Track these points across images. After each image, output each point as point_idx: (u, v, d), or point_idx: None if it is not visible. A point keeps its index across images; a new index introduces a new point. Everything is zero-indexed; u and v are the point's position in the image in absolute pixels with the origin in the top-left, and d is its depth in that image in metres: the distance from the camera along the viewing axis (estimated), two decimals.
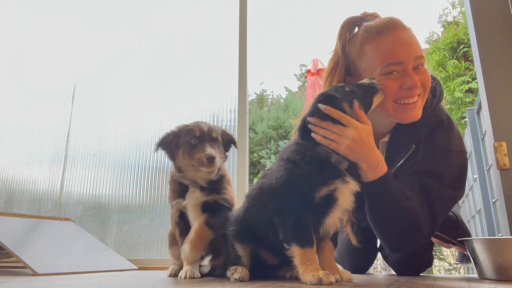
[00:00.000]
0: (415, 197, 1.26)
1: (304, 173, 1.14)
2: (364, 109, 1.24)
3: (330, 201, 1.13)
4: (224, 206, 1.55)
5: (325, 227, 1.18)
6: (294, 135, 1.34)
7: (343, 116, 1.18)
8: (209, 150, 1.46)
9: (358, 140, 1.16)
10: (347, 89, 1.23)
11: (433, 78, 1.43)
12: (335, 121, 1.18)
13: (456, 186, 1.34)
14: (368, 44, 1.33)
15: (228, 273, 1.29)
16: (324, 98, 1.23)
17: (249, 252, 1.32)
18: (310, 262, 1.11)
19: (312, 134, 1.19)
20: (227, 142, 1.68)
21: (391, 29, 1.31)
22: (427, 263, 1.65)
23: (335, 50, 1.44)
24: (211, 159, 1.44)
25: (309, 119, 1.20)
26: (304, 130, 1.23)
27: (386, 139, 1.48)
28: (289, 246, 1.13)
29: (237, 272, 1.25)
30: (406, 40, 1.30)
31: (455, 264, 1.93)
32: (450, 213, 1.62)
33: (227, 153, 1.67)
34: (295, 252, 1.12)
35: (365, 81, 1.27)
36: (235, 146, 1.71)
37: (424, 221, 1.25)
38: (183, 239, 1.54)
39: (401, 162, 1.36)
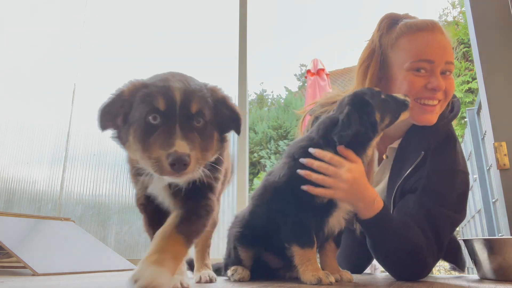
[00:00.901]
0: (415, 227, 1.22)
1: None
2: (390, 122, 1.22)
3: (332, 201, 1.14)
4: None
5: (329, 227, 1.18)
6: (300, 129, 1.36)
7: (333, 157, 1.15)
8: (179, 145, 0.83)
9: (353, 182, 1.13)
10: (382, 96, 1.21)
11: (454, 97, 1.44)
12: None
13: (458, 208, 1.32)
14: (404, 37, 1.34)
15: (229, 273, 1.29)
16: (359, 102, 1.18)
17: (251, 256, 1.31)
18: (310, 262, 1.11)
19: (299, 172, 1.15)
20: (226, 119, 1.04)
21: (431, 29, 1.33)
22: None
23: (372, 39, 1.45)
24: (179, 164, 0.82)
25: (302, 160, 1.15)
26: (330, 123, 1.19)
27: (395, 145, 1.46)
28: (289, 246, 1.14)
29: (237, 272, 1.25)
30: (442, 42, 1.32)
31: (449, 270, 1.90)
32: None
33: (226, 137, 1.08)
34: (295, 252, 1.13)
35: (399, 96, 1.26)
36: (238, 127, 1.09)
37: (429, 250, 1.21)
38: (153, 231, 1.06)
39: (409, 170, 1.32)
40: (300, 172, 1.14)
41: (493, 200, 3.11)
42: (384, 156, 1.48)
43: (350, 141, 1.14)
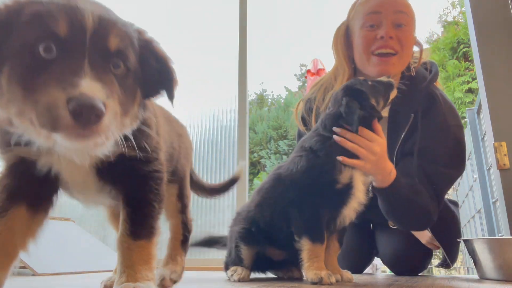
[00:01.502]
0: (423, 190, 1.33)
1: (325, 162, 1.15)
2: (384, 104, 1.28)
3: (348, 188, 1.16)
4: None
5: (342, 218, 1.19)
6: (295, 113, 1.44)
7: (367, 132, 1.18)
8: (87, 86, 0.55)
9: (380, 155, 1.19)
10: (370, 83, 1.26)
11: (430, 62, 1.55)
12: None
13: (456, 164, 1.40)
14: (359, 4, 1.48)
15: (228, 273, 1.29)
16: (352, 92, 1.23)
17: (253, 255, 1.30)
18: (317, 259, 1.12)
19: (335, 137, 1.17)
20: (153, 74, 0.80)
21: None
22: (420, 263, 1.65)
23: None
24: (88, 114, 0.53)
25: (335, 129, 1.18)
26: (328, 122, 1.22)
27: (385, 113, 1.52)
28: (299, 239, 1.14)
29: (237, 273, 1.25)
30: None
31: (436, 267, 1.94)
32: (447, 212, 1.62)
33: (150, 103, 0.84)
34: (305, 246, 1.13)
35: (383, 79, 1.31)
36: (171, 88, 0.87)
37: (434, 209, 1.34)
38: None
39: (403, 135, 1.41)
40: (336, 138, 1.16)
41: (493, 200, 3.11)
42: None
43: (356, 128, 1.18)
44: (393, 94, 1.31)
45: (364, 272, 1.86)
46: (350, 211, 1.18)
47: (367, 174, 1.22)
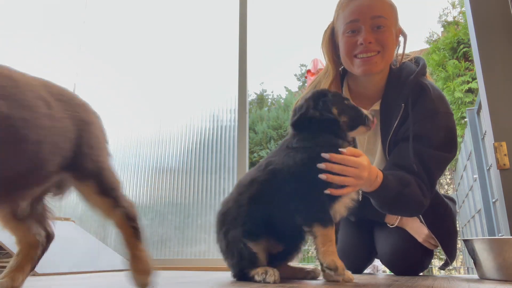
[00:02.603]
0: (411, 179, 1.36)
1: (319, 157, 1.16)
2: (347, 124, 1.28)
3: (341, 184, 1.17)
4: None
5: (333, 213, 1.19)
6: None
7: (351, 160, 1.18)
8: None
9: (368, 177, 1.22)
10: (345, 102, 1.31)
11: (419, 57, 1.62)
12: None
13: (446, 147, 1.44)
14: (341, 9, 1.54)
15: (257, 278, 1.15)
16: (318, 93, 1.30)
17: (264, 247, 1.23)
18: (331, 243, 1.12)
19: (321, 176, 1.16)
20: None
21: None
22: (420, 263, 1.65)
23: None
24: None
25: (320, 165, 1.16)
26: (303, 123, 1.26)
27: (376, 107, 1.59)
28: (310, 227, 1.13)
29: (269, 274, 1.13)
30: (366, 2, 1.47)
31: (440, 269, 1.94)
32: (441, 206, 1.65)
33: None
34: (318, 232, 1.12)
35: (364, 110, 1.33)
36: None
37: (424, 194, 1.37)
38: None
39: (396, 123, 1.47)
40: (322, 176, 1.15)
41: (493, 200, 3.11)
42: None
43: (323, 129, 1.22)
44: (361, 130, 1.31)
45: (365, 272, 1.86)
46: (341, 207, 1.20)
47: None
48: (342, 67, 1.67)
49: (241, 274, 1.22)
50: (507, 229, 1.87)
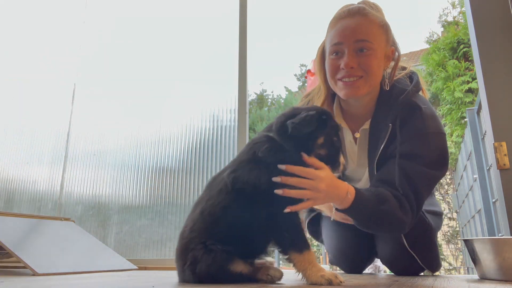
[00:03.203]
0: (390, 196, 1.32)
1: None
2: (321, 151, 1.20)
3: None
4: None
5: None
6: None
7: (308, 171, 1.14)
8: None
9: (327, 189, 1.17)
10: (335, 139, 1.22)
11: (413, 73, 1.57)
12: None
13: (436, 165, 1.40)
14: (331, 28, 1.50)
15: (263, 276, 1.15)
16: (326, 117, 1.19)
17: (243, 263, 1.14)
18: (313, 264, 1.08)
19: (277, 191, 1.11)
20: None
21: (347, 16, 1.46)
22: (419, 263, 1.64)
23: None
24: None
25: (275, 178, 1.10)
26: (285, 130, 1.16)
27: (366, 126, 1.56)
28: (286, 255, 1.09)
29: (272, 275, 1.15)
30: (352, 25, 1.43)
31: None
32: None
33: None
34: (295, 259, 1.08)
35: (342, 159, 1.26)
36: None
37: (405, 212, 1.33)
38: None
39: (383, 144, 1.44)
40: (278, 191, 1.10)
41: (493, 200, 3.11)
42: (356, 135, 1.60)
43: (300, 142, 1.15)
44: (330, 172, 1.22)
45: (367, 272, 1.86)
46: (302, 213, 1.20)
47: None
48: None
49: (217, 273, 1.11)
50: (507, 229, 1.87)
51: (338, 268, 1.93)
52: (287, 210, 1.09)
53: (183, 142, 3.24)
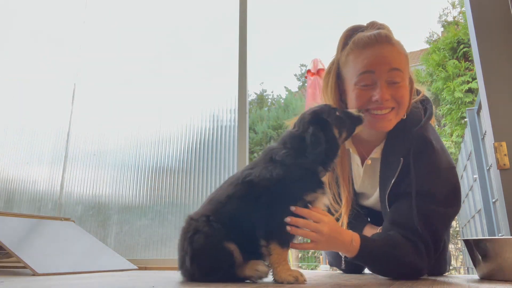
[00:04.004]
0: (402, 241, 1.30)
1: (299, 177, 1.21)
2: (347, 136, 1.34)
3: (308, 207, 1.22)
4: None
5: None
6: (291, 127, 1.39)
7: (313, 214, 1.22)
8: None
9: (329, 234, 1.22)
10: (337, 113, 1.31)
11: (426, 100, 1.52)
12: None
13: (451, 202, 1.37)
14: (352, 54, 1.42)
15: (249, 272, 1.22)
16: (317, 120, 1.28)
17: (237, 248, 1.21)
18: (286, 262, 1.18)
19: (288, 228, 1.19)
20: None
21: (374, 43, 1.37)
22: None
23: (335, 55, 1.54)
24: None
25: (287, 219, 1.19)
26: (298, 138, 1.27)
27: (376, 155, 1.51)
28: (268, 244, 1.17)
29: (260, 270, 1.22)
30: (383, 53, 1.36)
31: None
32: None
33: None
34: (274, 250, 1.17)
35: (354, 111, 1.35)
36: None
37: (421, 257, 1.29)
38: None
39: (394, 179, 1.39)
40: (288, 228, 1.19)
41: (493, 200, 3.11)
42: (367, 162, 1.55)
43: (320, 157, 1.24)
44: (359, 128, 1.36)
45: (368, 272, 1.85)
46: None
47: (327, 250, 1.34)
48: None
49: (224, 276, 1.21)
50: (507, 229, 1.87)
51: (337, 269, 1.93)
52: (292, 245, 1.21)
53: (183, 142, 3.24)
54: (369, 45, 1.37)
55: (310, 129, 1.24)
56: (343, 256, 1.43)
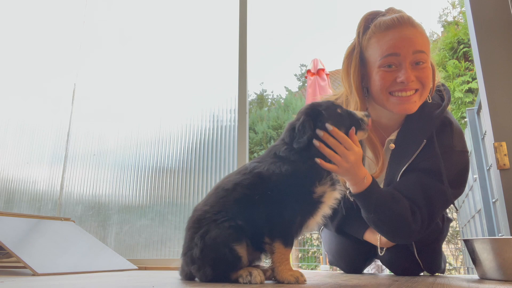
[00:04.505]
0: (404, 200, 1.35)
1: (307, 172, 1.20)
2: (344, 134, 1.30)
3: (318, 203, 1.21)
4: None
5: (305, 227, 1.24)
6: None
7: (347, 140, 1.24)
8: None
9: (353, 163, 1.25)
10: (338, 110, 1.30)
11: (443, 85, 1.53)
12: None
13: (456, 184, 1.41)
14: (375, 37, 1.41)
15: (242, 279, 1.15)
16: (312, 112, 1.28)
17: (247, 249, 1.20)
18: (288, 262, 1.17)
19: (315, 142, 1.23)
20: None
21: (397, 25, 1.37)
22: (418, 263, 1.63)
23: (354, 39, 1.52)
24: None
25: (319, 132, 1.24)
26: (292, 129, 1.27)
27: (392, 136, 1.52)
28: (272, 242, 1.16)
29: (254, 275, 1.14)
30: (407, 35, 1.36)
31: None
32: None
33: None
34: (277, 249, 1.16)
35: (358, 113, 1.34)
36: None
37: (415, 219, 1.34)
38: None
39: (412, 158, 1.41)
40: (316, 142, 1.22)
41: (493, 200, 3.11)
42: (391, 146, 1.54)
43: (314, 150, 1.23)
44: (361, 135, 1.33)
45: (370, 272, 1.85)
46: (313, 223, 1.24)
47: (341, 176, 1.30)
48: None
49: (224, 278, 1.18)
50: (507, 229, 1.87)
51: (337, 269, 1.93)
52: (317, 160, 1.21)
53: (183, 142, 3.24)
54: (392, 27, 1.37)
55: (301, 118, 1.25)
56: (348, 191, 1.42)
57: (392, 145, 1.52)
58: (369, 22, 1.47)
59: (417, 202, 1.35)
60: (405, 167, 1.42)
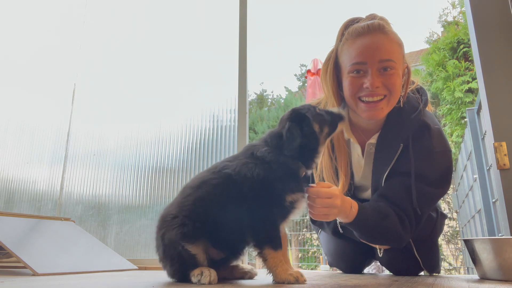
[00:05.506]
0: (391, 212, 1.40)
1: (280, 176, 1.20)
2: (329, 132, 1.33)
3: (291, 208, 1.22)
4: None
5: (285, 224, 1.27)
6: None
7: (326, 192, 1.27)
8: None
9: (341, 204, 1.31)
10: (317, 110, 1.32)
11: (421, 89, 1.57)
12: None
13: (440, 183, 1.45)
14: (347, 44, 1.46)
15: (193, 279, 1.15)
16: (297, 117, 1.29)
17: (203, 249, 1.20)
18: (283, 263, 1.17)
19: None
20: None
21: (367, 32, 1.41)
22: (418, 263, 1.63)
23: (334, 45, 1.57)
24: None
25: (310, 192, 1.28)
26: (277, 135, 1.27)
27: (373, 140, 1.55)
28: (261, 250, 1.16)
29: (204, 275, 1.13)
30: (375, 43, 1.40)
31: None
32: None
33: None
34: (269, 255, 1.16)
35: (334, 109, 1.39)
36: None
37: (404, 227, 1.40)
38: None
39: (392, 163, 1.45)
40: (310, 216, 1.32)
41: (493, 200, 3.11)
42: (370, 149, 1.59)
43: (300, 154, 1.24)
44: (341, 126, 1.38)
45: (370, 272, 1.86)
46: (283, 227, 1.26)
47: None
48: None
49: (182, 277, 1.20)
50: (507, 229, 1.87)
51: (337, 269, 1.93)
52: (311, 215, 1.32)
53: (183, 142, 3.24)
54: (362, 35, 1.42)
55: (287, 125, 1.26)
56: (338, 222, 1.51)
57: (372, 148, 1.56)
58: (346, 29, 1.51)
59: (403, 206, 1.41)
60: (387, 172, 1.46)
